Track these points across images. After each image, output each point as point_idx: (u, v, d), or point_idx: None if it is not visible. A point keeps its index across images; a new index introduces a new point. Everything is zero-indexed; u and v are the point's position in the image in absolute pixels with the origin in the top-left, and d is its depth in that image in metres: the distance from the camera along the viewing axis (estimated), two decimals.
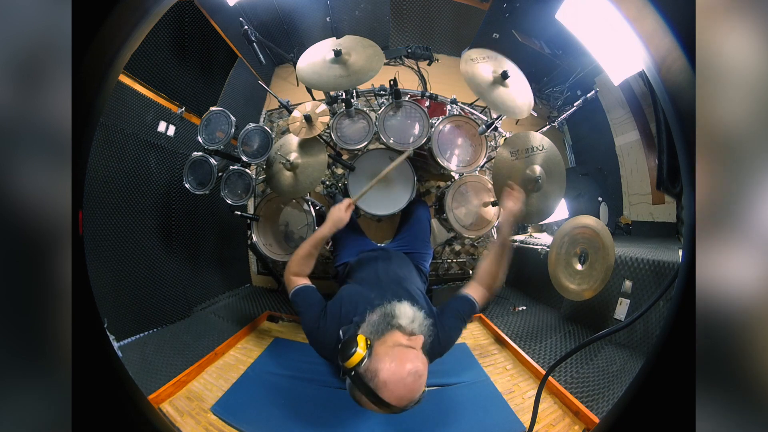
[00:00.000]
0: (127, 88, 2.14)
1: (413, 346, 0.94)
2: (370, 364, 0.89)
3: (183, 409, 1.74)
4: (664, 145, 1.47)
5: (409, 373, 0.87)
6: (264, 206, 2.15)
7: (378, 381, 0.86)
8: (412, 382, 0.87)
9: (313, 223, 2.09)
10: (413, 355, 0.92)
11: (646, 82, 2.54)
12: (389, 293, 1.13)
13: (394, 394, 0.85)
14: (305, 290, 1.23)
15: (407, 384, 0.86)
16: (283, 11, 3.09)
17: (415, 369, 0.88)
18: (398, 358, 0.90)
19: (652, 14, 0.59)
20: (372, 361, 0.89)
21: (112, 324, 1.96)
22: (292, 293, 1.23)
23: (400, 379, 0.86)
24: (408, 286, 1.28)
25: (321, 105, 1.92)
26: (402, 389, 0.86)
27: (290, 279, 1.28)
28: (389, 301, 1.07)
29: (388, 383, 0.85)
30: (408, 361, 0.89)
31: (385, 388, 0.85)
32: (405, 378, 0.86)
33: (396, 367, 0.87)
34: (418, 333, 1.00)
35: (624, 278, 2.16)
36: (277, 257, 2.15)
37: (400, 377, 0.86)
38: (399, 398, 0.86)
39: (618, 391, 1.74)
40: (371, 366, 0.88)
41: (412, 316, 1.04)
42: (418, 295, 1.21)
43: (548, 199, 1.82)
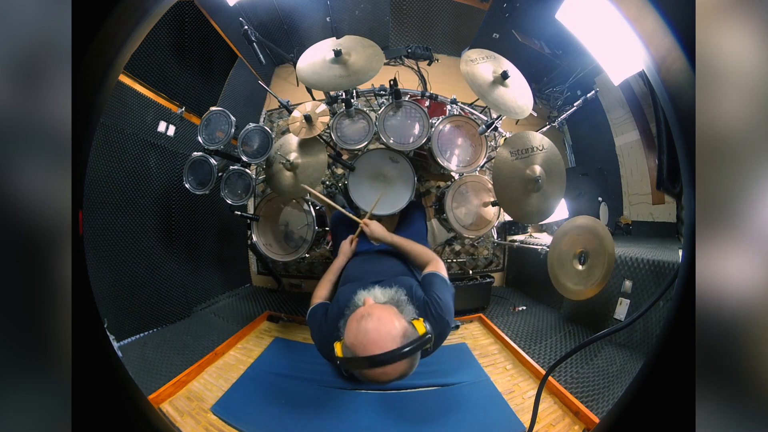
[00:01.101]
0: (127, 88, 2.14)
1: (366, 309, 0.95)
2: (344, 346, 0.91)
3: (183, 409, 1.74)
4: (664, 145, 1.47)
5: (358, 320, 0.89)
6: (264, 206, 2.15)
7: (350, 349, 0.88)
8: (366, 323, 0.87)
9: (313, 223, 2.09)
10: (364, 308, 0.94)
11: (646, 82, 2.54)
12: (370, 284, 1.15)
13: (365, 345, 0.86)
14: (316, 307, 1.28)
15: (364, 328, 0.87)
16: (283, 11, 3.09)
17: (366, 313, 0.90)
18: (350, 319, 0.93)
19: (652, 14, 0.59)
20: (344, 345, 0.92)
21: (112, 324, 1.96)
22: (308, 315, 1.29)
23: (357, 331, 0.87)
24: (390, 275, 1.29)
25: (321, 105, 1.93)
26: (365, 335, 0.86)
27: (312, 301, 1.35)
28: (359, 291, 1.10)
29: (354, 343, 0.87)
30: (357, 313, 0.92)
31: (356, 348, 0.87)
32: (359, 327, 0.88)
33: (350, 324, 0.91)
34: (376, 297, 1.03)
35: (624, 278, 2.16)
36: (277, 257, 2.15)
37: (356, 330, 0.88)
38: (371, 344, 0.85)
39: (618, 391, 1.74)
40: (344, 347, 0.91)
41: (374, 295, 1.06)
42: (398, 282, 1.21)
43: (548, 199, 1.82)
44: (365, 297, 1.04)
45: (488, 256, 3.27)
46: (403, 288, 1.10)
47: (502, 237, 3.22)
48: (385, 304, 1.00)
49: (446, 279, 1.25)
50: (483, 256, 3.24)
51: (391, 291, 1.08)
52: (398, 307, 1.00)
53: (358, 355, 0.86)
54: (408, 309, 1.01)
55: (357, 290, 1.11)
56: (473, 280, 2.78)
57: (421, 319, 0.95)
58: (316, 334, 1.19)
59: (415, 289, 1.18)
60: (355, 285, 1.19)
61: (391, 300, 1.04)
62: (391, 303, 1.02)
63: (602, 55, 2.46)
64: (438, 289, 1.17)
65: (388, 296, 1.05)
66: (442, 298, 1.14)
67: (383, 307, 0.95)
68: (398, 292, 1.07)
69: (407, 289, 1.12)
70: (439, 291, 1.17)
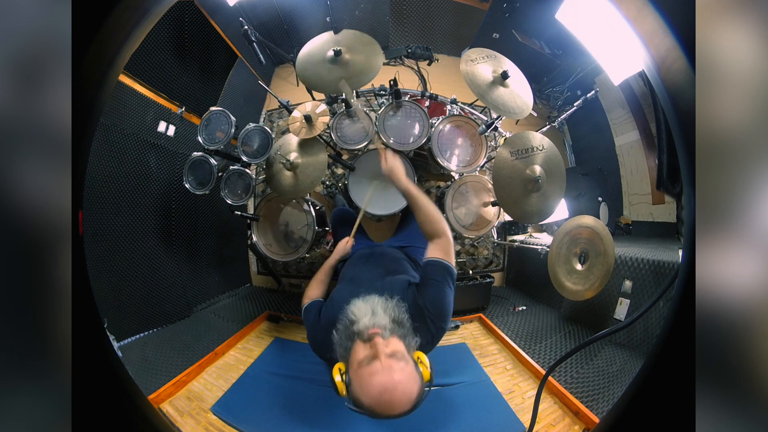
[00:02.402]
0: (127, 88, 2.14)
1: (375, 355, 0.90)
2: (353, 393, 0.91)
3: (183, 409, 1.74)
4: (664, 145, 1.47)
5: (381, 393, 0.86)
6: (264, 206, 2.15)
7: (366, 408, 0.88)
8: (390, 398, 0.86)
9: (313, 223, 2.09)
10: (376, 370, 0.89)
11: (646, 82, 2.54)
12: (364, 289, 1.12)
13: (385, 412, 0.87)
14: (310, 305, 1.26)
15: (387, 401, 0.86)
16: (283, 11, 3.09)
17: (383, 387, 0.86)
18: (365, 383, 0.89)
19: (652, 14, 0.59)
20: (352, 391, 0.91)
21: (112, 324, 1.96)
22: (302, 313, 1.27)
23: (379, 403, 0.87)
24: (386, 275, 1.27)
25: (321, 105, 1.92)
26: (387, 408, 0.87)
27: (303, 302, 1.32)
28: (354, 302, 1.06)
29: (373, 407, 0.87)
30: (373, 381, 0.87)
31: (374, 411, 0.87)
32: (381, 399, 0.86)
33: (369, 393, 0.88)
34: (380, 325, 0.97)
35: (624, 278, 2.16)
36: (277, 257, 2.15)
37: (378, 401, 0.86)
38: (390, 412, 0.87)
39: (618, 391, 1.74)
40: (354, 396, 0.90)
41: (369, 309, 1.01)
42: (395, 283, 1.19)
43: (548, 199, 1.82)
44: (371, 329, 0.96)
45: (488, 256, 3.27)
46: (404, 302, 1.07)
47: (502, 237, 3.22)
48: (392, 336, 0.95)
49: (451, 268, 1.18)
50: (483, 256, 3.24)
51: (392, 306, 1.03)
52: (405, 339, 0.97)
53: (374, 412, 0.87)
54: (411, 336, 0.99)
55: (352, 299, 1.07)
56: (473, 280, 2.78)
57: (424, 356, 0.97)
58: (309, 333, 1.19)
59: (411, 292, 1.14)
60: (351, 288, 1.17)
61: (396, 326, 0.99)
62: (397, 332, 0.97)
63: (602, 55, 2.46)
64: (435, 289, 1.12)
65: (390, 317, 1.00)
66: (438, 301, 1.10)
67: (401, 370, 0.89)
68: (399, 308, 1.03)
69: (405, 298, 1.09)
70: (437, 291, 1.12)
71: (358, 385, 0.90)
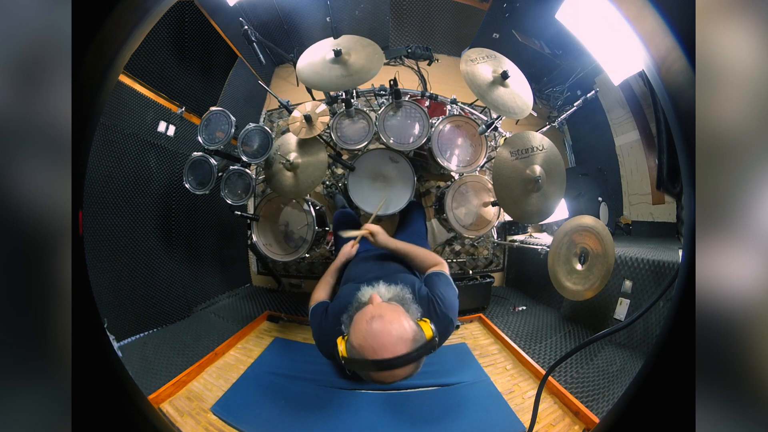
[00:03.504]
0: (127, 88, 2.14)
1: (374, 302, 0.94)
2: (348, 346, 0.89)
3: (183, 409, 1.74)
4: (664, 145, 1.47)
5: (369, 321, 0.86)
6: (264, 206, 2.15)
7: (358, 350, 0.85)
8: (379, 326, 0.85)
9: (313, 223, 2.09)
10: (370, 307, 0.92)
11: (646, 82, 2.54)
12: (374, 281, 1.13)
13: (375, 348, 0.83)
14: (316, 306, 1.27)
15: (376, 330, 0.84)
16: (283, 11, 3.09)
17: (371, 315, 0.87)
18: (357, 320, 0.90)
19: (652, 14, 0.59)
20: (348, 343, 0.89)
21: (112, 324, 1.96)
22: (309, 315, 1.27)
23: (367, 333, 0.85)
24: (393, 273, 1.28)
25: (321, 105, 1.92)
26: (376, 339, 0.83)
27: (310, 304, 1.33)
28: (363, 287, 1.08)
29: (363, 345, 0.85)
30: (366, 313, 0.89)
31: (365, 350, 0.84)
32: (369, 328, 0.85)
33: (358, 327, 0.88)
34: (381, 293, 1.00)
35: (624, 278, 2.16)
36: (277, 257, 2.15)
37: (366, 331, 0.85)
38: (382, 348, 0.83)
39: (618, 391, 1.74)
40: (348, 347, 0.89)
41: (379, 292, 1.03)
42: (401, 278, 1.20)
43: (548, 199, 1.82)
44: (371, 293, 1.01)
45: (488, 256, 3.27)
46: (407, 286, 1.09)
47: (502, 237, 3.22)
48: (390, 301, 0.99)
49: (450, 278, 1.24)
50: (483, 256, 3.24)
51: (396, 288, 1.06)
52: (404, 305, 0.98)
53: (366, 357, 0.84)
54: (413, 308, 0.99)
55: (360, 286, 1.09)
56: (473, 280, 2.78)
57: (427, 320, 0.94)
58: (316, 331, 1.18)
59: (419, 286, 1.17)
60: (358, 283, 1.18)
61: (396, 297, 1.02)
62: (396, 300, 1.00)
63: (602, 55, 2.46)
64: (442, 287, 1.16)
65: (393, 293, 1.04)
66: (447, 296, 1.13)
67: (393, 307, 0.93)
68: (403, 290, 1.06)
69: (411, 287, 1.11)
70: (444, 289, 1.16)
71: (352, 330, 0.89)
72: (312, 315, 1.25)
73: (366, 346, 0.84)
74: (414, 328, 0.88)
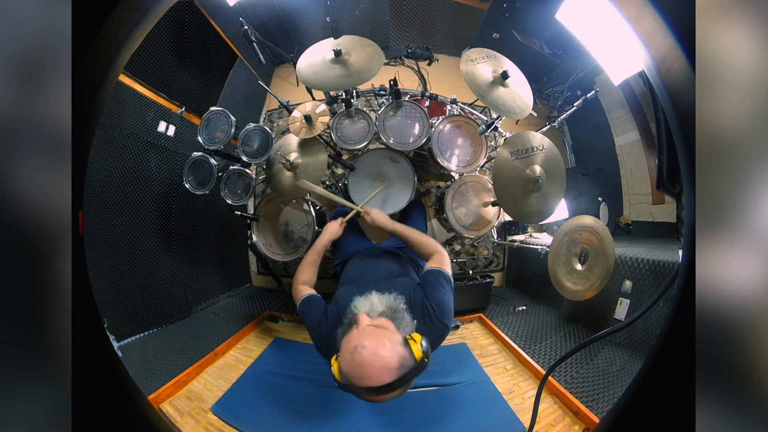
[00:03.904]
0: (127, 88, 2.14)
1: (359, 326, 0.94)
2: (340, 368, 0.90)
3: (183, 409, 1.74)
4: (664, 145, 1.47)
5: (352, 352, 0.86)
6: (264, 206, 2.15)
7: (346, 376, 0.87)
8: (360, 357, 0.85)
9: (313, 223, 2.09)
10: (355, 333, 0.92)
11: (646, 82, 2.54)
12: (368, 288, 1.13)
13: (360, 377, 0.84)
14: (309, 300, 1.26)
15: (358, 361, 0.84)
16: (283, 11, 3.09)
17: (353, 345, 0.87)
18: (343, 348, 0.91)
19: (652, 14, 0.59)
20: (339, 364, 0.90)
21: (112, 324, 1.96)
22: (299, 304, 1.27)
23: (351, 363, 0.86)
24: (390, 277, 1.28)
25: (321, 105, 1.92)
26: (359, 369, 0.84)
27: (297, 289, 1.32)
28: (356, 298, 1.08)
29: (349, 373, 0.86)
30: (348, 343, 0.90)
31: (351, 378, 0.85)
32: (353, 359, 0.85)
33: (344, 354, 0.89)
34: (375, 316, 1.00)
35: (624, 278, 2.16)
36: (277, 257, 2.15)
37: (350, 361, 0.86)
38: (366, 378, 0.84)
39: (618, 391, 1.74)
40: (340, 368, 0.90)
41: (371, 303, 1.04)
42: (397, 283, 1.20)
43: (548, 199, 1.82)
44: (360, 313, 1.00)
45: (488, 256, 3.27)
46: (402, 294, 1.09)
47: (502, 237, 3.22)
48: (381, 316, 0.98)
49: (448, 275, 1.23)
50: (483, 256, 3.24)
51: (389, 298, 1.06)
52: (395, 320, 0.98)
53: (353, 383, 0.85)
54: (405, 321, 1.00)
55: (354, 296, 1.09)
56: (473, 280, 2.78)
57: (418, 337, 0.93)
58: (315, 333, 1.17)
59: (414, 291, 1.17)
60: (354, 288, 1.18)
61: (388, 309, 1.02)
62: (388, 314, 1.00)
63: (602, 55, 2.46)
64: (438, 291, 1.16)
65: (386, 305, 1.03)
66: (442, 301, 1.13)
67: (377, 332, 0.92)
68: (397, 300, 1.06)
69: (406, 294, 1.11)
70: (440, 292, 1.15)
71: (341, 355, 0.90)
72: (303, 307, 1.23)
73: (353, 375, 0.85)
74: (400, 353, 0.87)
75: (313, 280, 1.39)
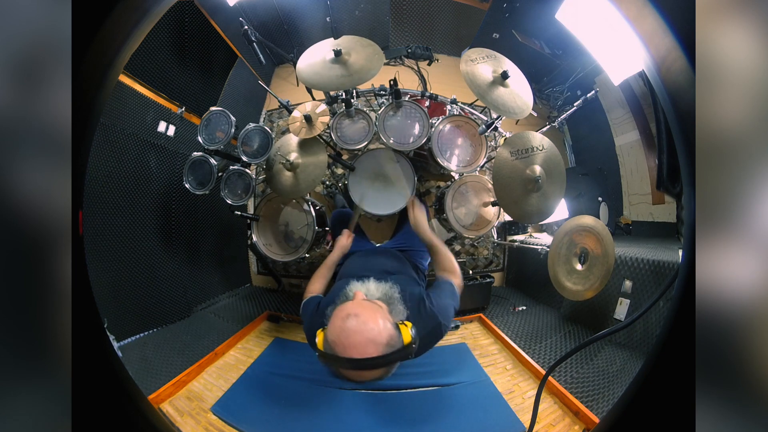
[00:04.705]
0: (127, 88, 2.14)
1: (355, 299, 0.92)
2: (325, 336, 0.87)
3: (183, 409, 1.74)
4: (664, 145, 1.47)
5: (343, 319, 0.84)
6: (264, 206, 2.15)
7: (330, 345, 0.84)
8: (352, 324, 0.82)
9: (313, 223, 2.09)
10: (350, 304, 0.90)
11: (646, 82, 2.54)
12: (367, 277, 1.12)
13: (345, 346, 0.81)
14: (309, 300, 1.26)
15: (349, 328, 0.82)
16: (283, 11, 3.09)
17: (347, 313, 0.85)
18: (333, 315, 0.88)
19: (652, 14, 0.59)
20: (325, 334, 0.88)
21: (112, 324, 1.96)
22: (301, 306, 1.27)
23: (340, 330, 0.83)
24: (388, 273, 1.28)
25: (321, 105, 1.92)
26: (348, 337, 0.82)
27: (305, 295, 1.33)
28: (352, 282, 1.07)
29: (335, 341, 0.83)
30: (343, 309, 0.87)
31: (336, 346, 0.82)
32: (343, 325, 0.83)
33: (335, 320, 0.86)
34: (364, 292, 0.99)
35: (624, 278, 2.16)
36: (277, 257, 2.15)
37: (339, 328, 0.83)
38: (352, 347, 0.81)
39: (618, 391, 1.74)
40: (324, 340, 0.87)
41: (368, 289, 1.02)
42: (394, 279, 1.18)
43: (548, 199, 1.82)
44: (357, 290, 1.00)
45: (488, 256, 3.27)
46: (397, 285, 1.08)
47: (502, 237, 3.22)
48: (376, 300, 0.97)
49: (456, 294, 1.24)
50: (483, 256, 3.24)
51: (385, 286, 1.05)
52: (389, 305, 0.97)
53: (337, 353, 0.82)
54: (398, 308, 0.98)
55: (350, 281, 1.08)
56: (473, 280, 2.78)
57: (409, 324, 0.91)
58: (306, 325, 1.17)
59: (411, 286, 1.16)
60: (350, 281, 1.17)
61: (383, 296, 1.01)
62: (383, 299, 0.99)
63: (602, 55, 2.46)
64: (441, 292, 1.17)
65: (382, 291, 1.03)
66: (440, 300, 1.13)
67: (372, 306, 0.90)
68: (392, 288, 1.04)
69: (402, 286, 1.10)
70: (442, 294, 1.16)
71: (329, 324, 0.87)
72: (304, 308, 1.23)
73: (338, 343, 0.82)
74: (390, 331, 0.85)
75: (321, 291, 1.39)
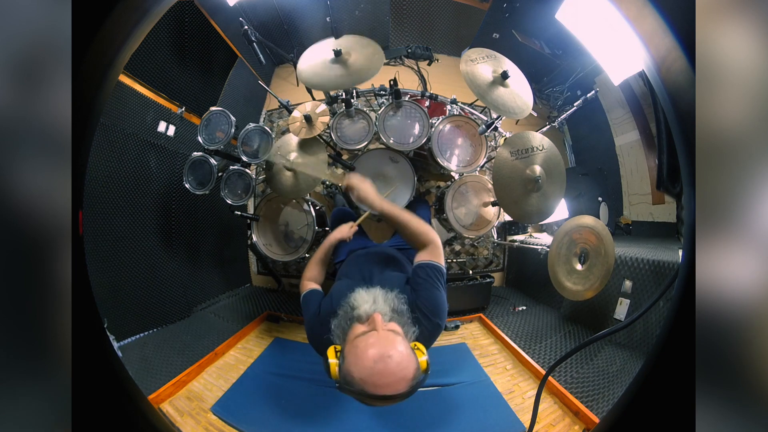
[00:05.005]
0: (127, 88, 2.14)
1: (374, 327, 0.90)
2: (345, 369, 0.87)
3: (183, 409, 1.74)
4: (664, 145, 1.47)
5: (376, 361, 0.83)
6: (264, 206, 2.15)
7: (357, 382, 0.83)
8: (385, 366, 0.82)
9: (313, 223, 2.09)
10: (373, 339, 0.88)
11: (646, 82, 2.54)
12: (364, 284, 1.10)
13: (378, 386, 0.81)
14: (310, 294, 1.24)
15: (381, 371, 0.82)
16: (283, 11, 3.09)
17: (379, 353, 0.84)
18: (360, 352, 0.86)
19: (652, 14, 0.59)
20: (345, 367, 0.87)
21: (112, 324, 1.96)
22: (301, 299, 1.26)
23: (372, 372, 0.82)
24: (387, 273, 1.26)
25: (321, 105, 1.93)
26: (380, 379, 0.81)
27: (303, 284, 1.31)
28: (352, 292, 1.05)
29: (365, 380, 0.82)
30: (369, 349, 0.85)
31: (366, 385, 0.82)
32: (375, 367, 0.82)
33: (363, 362, 0.84)
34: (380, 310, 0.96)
35: (624, 278, 2.16)
36: (277, 257, 2.15)
37: (371, 370, 0.82)
38: (385, 387, 0.81)
39: (618, 391, 1.74)
40: (346, 371, 0.86)
41: (371, 297, 1.01)
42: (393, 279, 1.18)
43: (548, 199, 1.82)
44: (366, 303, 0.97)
45: (488, 256, 3.27)
46: (403, 293, 1.07)
47: (502, 237, 3.21)
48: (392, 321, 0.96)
49: (443, 270, 1.17)
50: (483, 256, 3.24)
51: (392, 297, 1.03)
52: (402, 325, 0.96)
53: (365, 390, 0.82)
54: (408, 326, 0.98)
55: (355, 287, 1.06)
56: (473, 280, 2.78)
57: (423, 347, 0.92)
58: (308, 326, 1.16)
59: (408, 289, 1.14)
60: (350, 283, 1.16)
61: (393, 312, 0.99)
62: (396, 318, 0.97)
63: (602, 55, 2.46)
64: (432, 289, 1.12)
65: (390, 305, 1.01)
66: (435, 300, 1.10)
67: (396, 340, 0.89)
68: (398, 299, 1.03)
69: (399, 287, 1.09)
70: (433, 291, 1.12)
71: (352, 357, 0.86)
72: (304, 303, 1.22)
73: (369, 383, 0.82)
74: (415, 364, 0.86)
75: (321, 276, 1.38)
